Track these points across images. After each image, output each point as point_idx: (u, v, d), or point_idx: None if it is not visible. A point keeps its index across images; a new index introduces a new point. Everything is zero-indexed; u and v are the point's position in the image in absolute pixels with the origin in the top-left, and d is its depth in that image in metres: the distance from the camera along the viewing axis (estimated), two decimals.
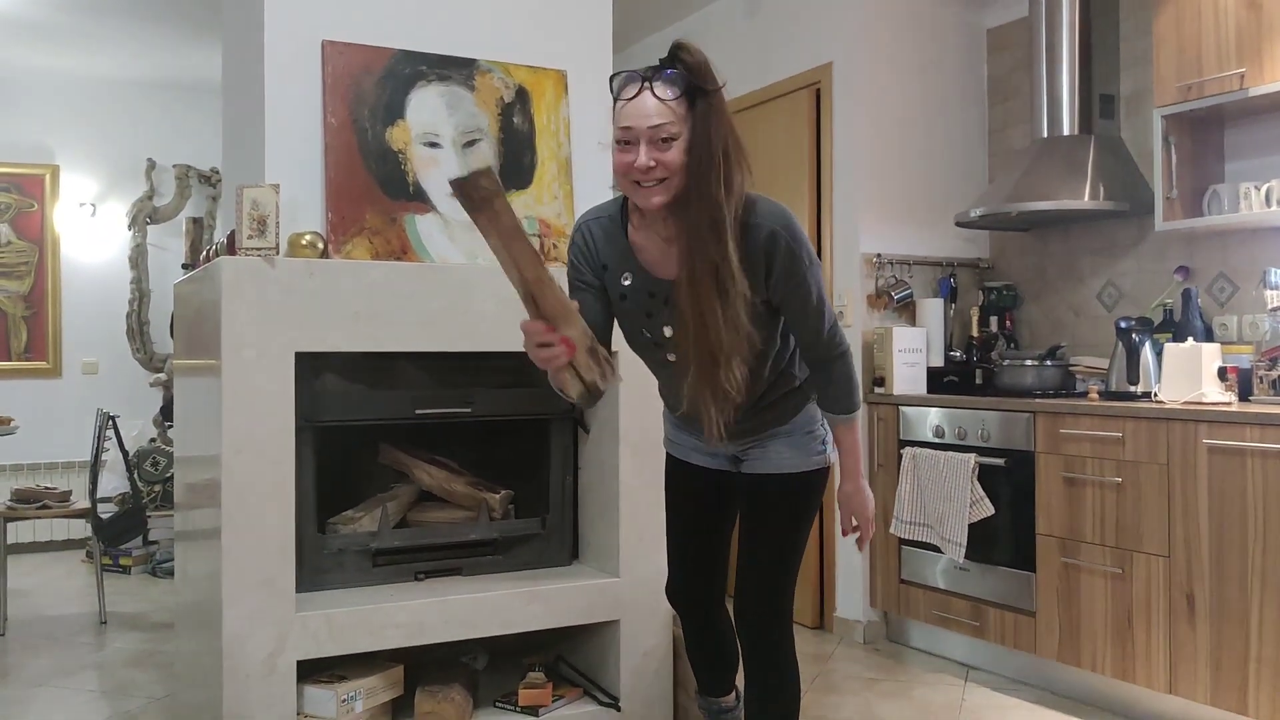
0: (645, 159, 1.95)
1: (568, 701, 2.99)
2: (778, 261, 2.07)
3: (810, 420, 2.34)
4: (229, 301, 2.54)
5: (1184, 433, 3.17)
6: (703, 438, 2.41)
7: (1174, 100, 3.52)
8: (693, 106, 1.96)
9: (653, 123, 1.94)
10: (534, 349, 1.91)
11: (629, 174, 2.00)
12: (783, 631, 2.38)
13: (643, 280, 2.15)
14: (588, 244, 2.22)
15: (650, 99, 1.95)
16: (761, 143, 4.83)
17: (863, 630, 4.32)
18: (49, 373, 6.29)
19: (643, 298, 2.16)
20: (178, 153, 6.55)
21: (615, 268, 2.18)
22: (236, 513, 2.56)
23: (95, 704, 3.56)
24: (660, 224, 2.10)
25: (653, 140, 1.95)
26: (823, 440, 2.36)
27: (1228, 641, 3.05)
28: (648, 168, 1.96)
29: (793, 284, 2.11)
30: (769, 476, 2.32)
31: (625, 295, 2.18)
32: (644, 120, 1.95)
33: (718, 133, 1.97)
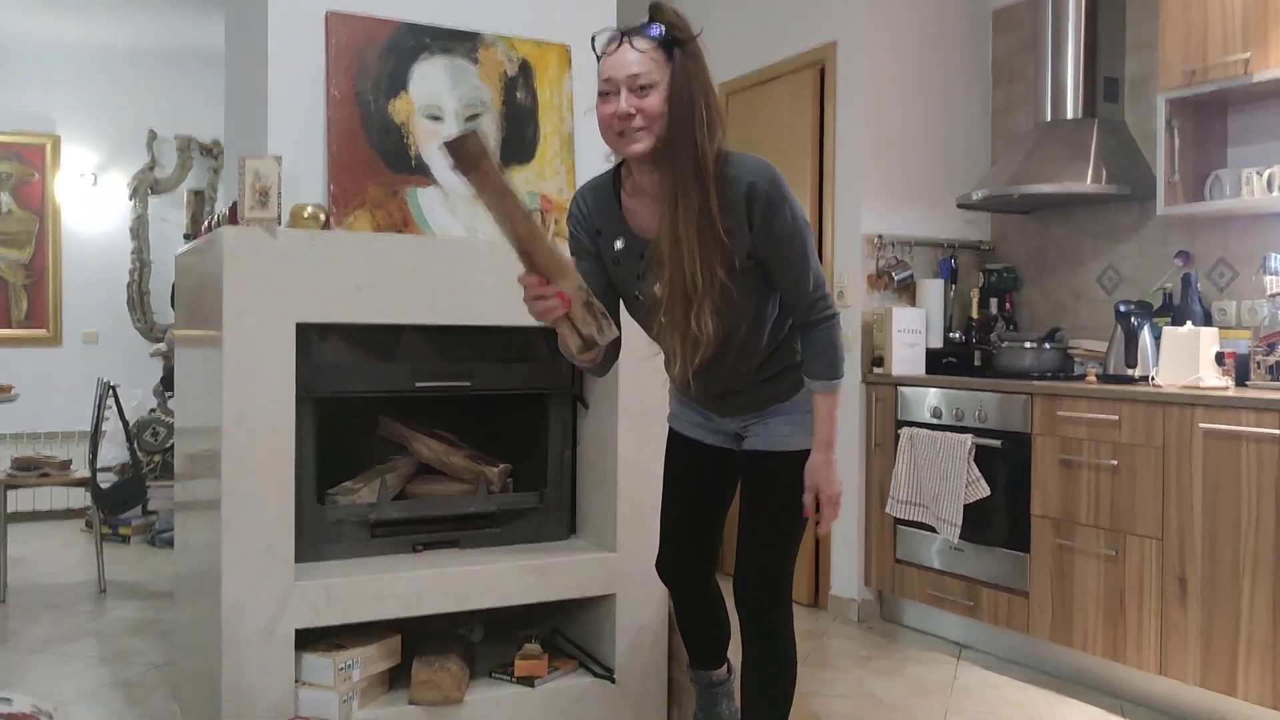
0: (625, 105, 2.02)
1: (563, 673, 3.02)
2: (757, 211, 2.10)
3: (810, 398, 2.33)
4: (230, 271, 2.55)
5: (1180, 417, 3.18)
6: (707, 413, 2.44)
7: (1178, 85, 3.52)
8: (670, 58, 2.04)
9: (631, 71, 2.02)
10: (530, 302, 1.97)
11: (611, 125, 2.06)
12: (781, 612, 2.40)
13: (633, 243, 2.20)
14: (582, 211, 2.29)
15: (629, 50, 2.04)
16: (764, 121, 4.82)
17: (857, 608, 4.35)
18: (49, 341, 6.30)
19: (634, 260, 2.20)
20: (179, 124, 6.54)
21: (608, 232, 2.24)
22: (237, 482, 2.57)
23: (95, 671, 3.59)
24: (647, 179, 2.14)
25: (631, 88, 2.03)
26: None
27: (1218, 624, 3.07)
28: (627, 114, 2.03)
29: (773, 236, 2.13)
30: (769, 454, 2.34)
31: (618, 260, 2.23)
32: (622, 70, 2.03)
33: (697, 80, 2.05)
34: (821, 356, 2.25)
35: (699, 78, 2.06)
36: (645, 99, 2.03)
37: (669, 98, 2.04)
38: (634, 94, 2.03)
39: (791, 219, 2.15)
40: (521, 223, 1.88)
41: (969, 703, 3.40)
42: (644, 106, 2.03)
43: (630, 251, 2.21)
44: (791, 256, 2.16)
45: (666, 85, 2.04)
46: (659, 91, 2.04)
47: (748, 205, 2.11)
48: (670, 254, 2.09)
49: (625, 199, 2.22)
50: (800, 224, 2.17)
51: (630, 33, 2.06)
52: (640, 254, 2.19)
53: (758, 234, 2.13)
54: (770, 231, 2.13)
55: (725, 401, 2.37)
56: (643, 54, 2.03)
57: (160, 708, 3.22)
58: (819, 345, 2.25)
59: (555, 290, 1.93)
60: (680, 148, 2.05)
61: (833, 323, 2.25)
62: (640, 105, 2.03)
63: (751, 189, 2.10)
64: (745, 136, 4.96)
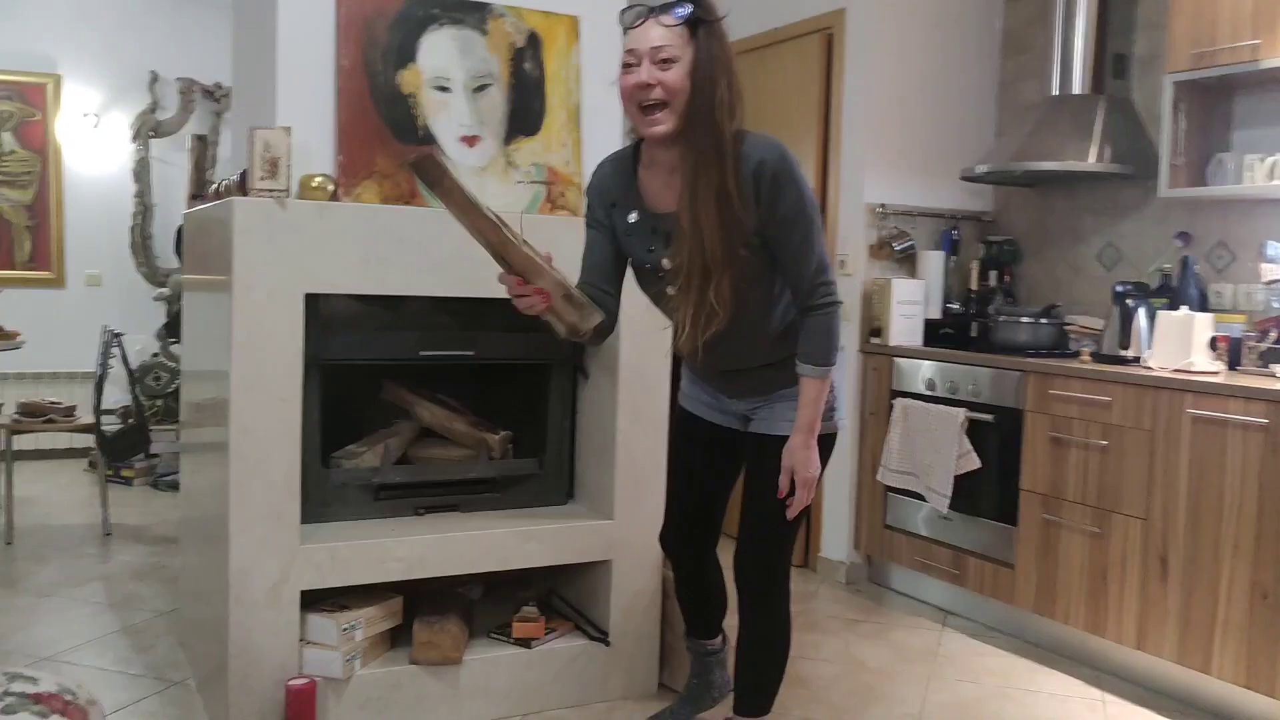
0: (646, 75, 2.08)
1: (559, 635, 3.11)
2: (764, 189, 2.15)
3: None
4: (240, 243, 2.58)
5: (1170, 401, 3.24)
6: (716, 394, 2.50)
7: (1186, 67, 3.52)
8: (694, 36, 2.09)
9: (654, 44, 2.08)
10: (513, 299, 2.11)
11: (633, 96, 2.12)
12: (779, 590, 2.48)
13: (646, 216, 2.27)
14: (600, 181, 2.37)
15: (654, 26, 2.09)
16: (770, 87, 4.81)
17: (846, 571, 4.44)
18: (52, 283, 6.33)
19: (645, 232, 2.27)
20: (181, 65, 6.50)
21: (622, 204, 2.31)
22: (245, 448, 2.63)
23: (103, 616, 3.68)
24: (663, 153, 2.20)
25: (654, 60, 2.08)
26: (830, 407, 2.41)
27: (1197, 604, 3.16)
28: (648, 85, 2.08)
29: (778, 214, 2.17)
30: (773, 438, 2.39)
31: (630, 232, 2.30)
32: (646, 42, 2.09)
33: (720, 61, 2.10)
34: (816, 341, 2.29)
35: (722, 58, 2.11)
36: (666, 72, 2.08)
37: (691, 75, 2.09)
38: (656, 66, 2.08)
39: (798, 199, 2.18)
40: (490, 231, 2.00)
41: (952, 669, 3.50)
42: (665, 79, 2.08)
43: (642, 224, 2.28)
44: (794, 237, 2.20)
45: (689, 63, 2.09)
46: (681, 67, 2.08)
47: (755, 182, 2.16)
48: (691, 229, 2.15)
49: (641, 172, 2.28)
50: (807, 206, 2.21)
51: (659, 9, 2.10)
52: (652, 227, 2.26)
53: (764, 211, 2.17)
54: (775, 209, 2.17)
55: (732, 382, 2.43)
56: (667, 29, 2.08)
57: (167, 656, 3.32)
58: (815, 330, 2.29)
59: (534, 288, 2.06)
60: (701, 126, 2.10)
61: (833, 310, 2.29)
62: (661, 78, 2.08)
63: (760, 166, 2.15)
64: (750, 99, 4.93)
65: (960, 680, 3.42)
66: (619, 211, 2.32)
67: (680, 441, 2.66)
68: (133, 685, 3.09)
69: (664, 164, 2.22)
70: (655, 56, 2.08)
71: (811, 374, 2.30)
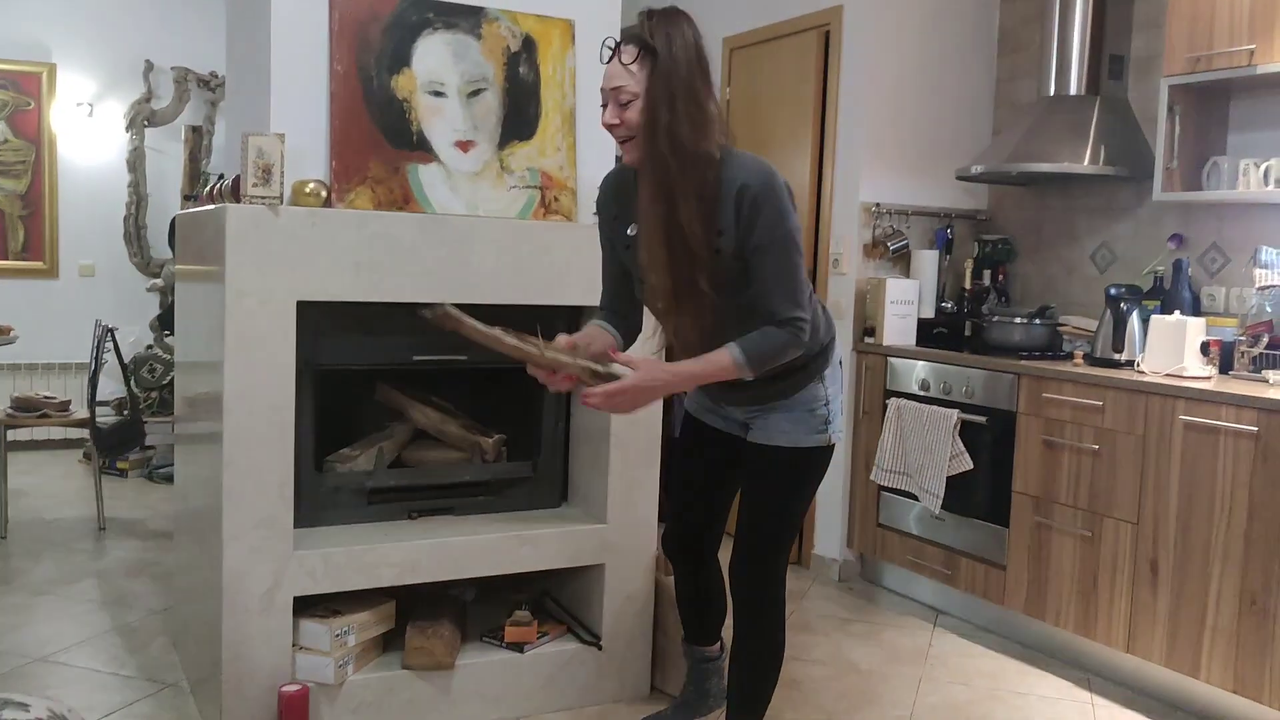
0: (610, 117, 2.16)
1: (551, 639, 3.12)
2: (744, 212, 2.16)
3: (813, 399, 2.41)
4: (233, 251, 2.57)
5: (1162, 407, 3.25)
6: (717, 400, 2.52)
7: (1182, 70, 3.52)
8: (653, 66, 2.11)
9: (614, 84, 2.14)
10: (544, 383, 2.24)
11: (609, 132, 2.19)
12: (772, 595, 2.50)
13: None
14: (604, 196, 2.43)
15: (615, 64, 2.15)
16: (767, 83, 4.80)
17: (838, 569, 4.46)
18: (46, 273, 6.31)
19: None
20: (176, 54, 6.46)
21: (623, 218, 2.34)
22: (239, 457, 2.63)
23: (96, 615, 3.69)
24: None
25: (616, 101, 2.14)
26: (825, 420, 2.42)
27: (1186, 609, 3.18)
28: (612, 125, 2.16)
29: (754, 240, 2.16)
30: (768, 448, 2.42)
31: (630, 245, 2.31)
32: (608, 82, 2.16)
33: (665, 90, 2.10)
34: (763, 344, 2.20)
35: (669, 87, 2.10)
36: (626, 111, 2.14)
37: (644, 108, 2.12)
38: (617, 106, 2.15)
39: (774, 227, 2.16)
40: (513, 351, 2.16)
41: (943, 671, 3.52)
42: (625, 118, 2.15)
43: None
44: (767, 265, 2.18)
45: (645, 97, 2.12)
46: (639, 104, 2.12)
47: (736, 205, 2.16)
48: (647, 263, 2.20)
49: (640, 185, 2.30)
50: (787, 236, 2.18)
51: (619, 43, 2.16)
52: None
53: (741, 234, 2.17)
54: (750, 234, 2.17)
55: (729, 392, 2.43)
56: (624, 67, 2.13)
57: (160, 657, 3.33)
58: (771, 337, 2.20)
59: (561, 377, 2.20)
60: (652, 159, 2.14)
61: (797, 340, 2.22)
62: (623, 116, 2.15)
63: (743, 189, 2.15)
64: (746, 95, 4.95)
65: (951, 682, 3.44)
66: (620, 225, 2.34)
67: (685, 447, 2.68)
68: (126, 688, 3.10)
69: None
70: (617, 97, 2.14)
71: (733, 358, 2.19)
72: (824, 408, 2.40)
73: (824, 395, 2.41)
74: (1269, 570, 2.97)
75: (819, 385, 2.40)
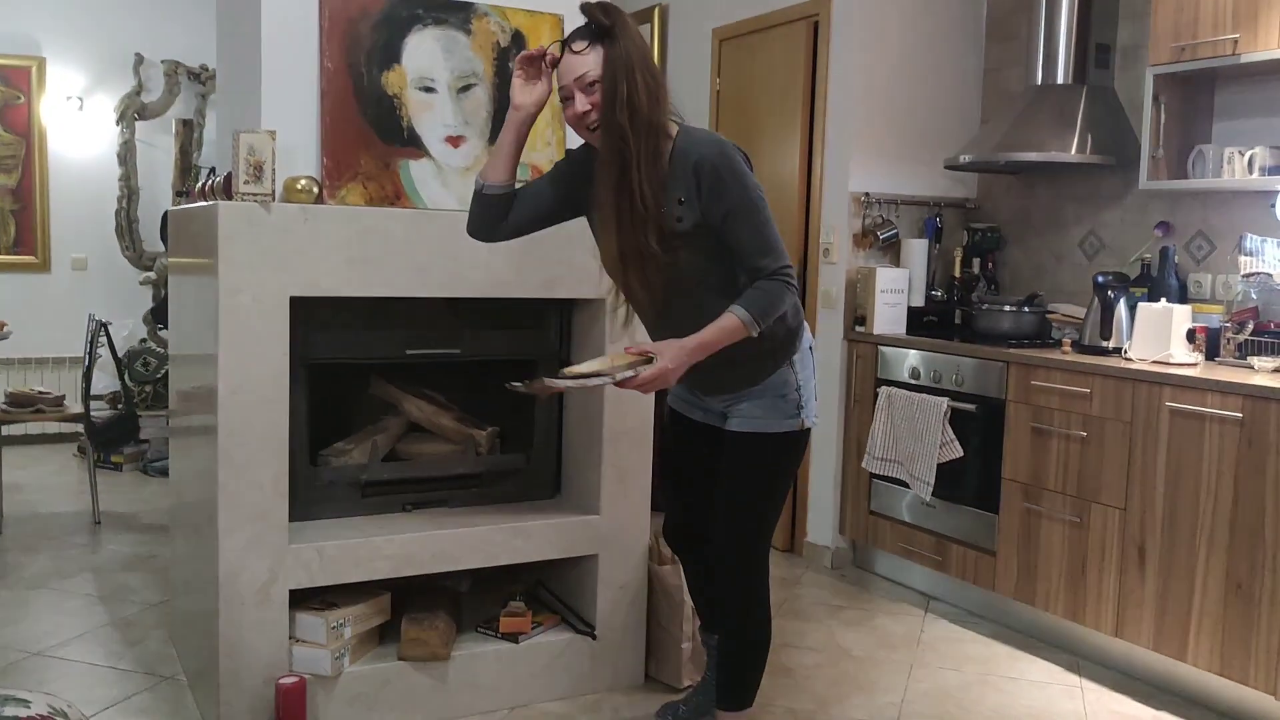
0: (580, 105, 2.22)
1: (546, 629, 3.15)
2: (705, 184, 2.24)
3: (783, 385, 2.45)
4: (226, 248, 2.59)
5: (1149, 394, 3.28)
6: (694, 391, 2.58)
7: (1168, 60, 3.54)
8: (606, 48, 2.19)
9: (576, 73, 2.21)
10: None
11: (578, 125, 2.25)
12: (756, 580, 2.56)
13: None
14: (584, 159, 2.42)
15: (570, 56, 2.22)
16: (756, 73, 4.81)
17: (831, 556, 4.50)
18: (38, 268, 6.31)
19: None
20: (166, 47, 6.45)
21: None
22: (234, 451, 2.65)
23: (93, 608, 3.71)
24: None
25: (581, 88, 2.21)
26: (797, 405, 2.46)
27: (1173, 593, 3.22)
28: (585, 112, 2.21)
29: (725, 208, 2.25)
30: (742, 434, 2.48)
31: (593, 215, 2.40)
32: (569, 74, 2.22)
33: (622, 64, 2.18)
34: (760, 298, 2.28)
35: (627, 60, 2.19)
36: (595, 94, 2.20)
37: (602, 85, 2.20)
38: (585, 93, 2.21)
39: (741, 192, 2.26)
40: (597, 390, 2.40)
41: (934, 657, 3.56)
42: (596, 101, 2.20)
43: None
44: (744, 229, 2.27)
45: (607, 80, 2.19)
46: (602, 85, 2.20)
47: (696, 178, 2.24)
48: (600, 225, 2.28)
49: None
50: (753, 198, 2.27)
51: (567, 40, 2.25)
52: None
53: (706, 205, 2.25)
54: (720, 204, 2.25)
55: (702, 379, 2.48)
56: (581, 55, 2.21)
57: (158, 650, 3.35)
58: (766, 290, 2.28)
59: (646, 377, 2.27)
60: (608, 129, 2.21)
61: (789, 287, 2.30)
62: (593, 100, 2.21)
63: (700, 161, 2.24)
64: (736, 86, 4.96)
65: (942, 667, 3.48)
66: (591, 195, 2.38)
67: (671, 440, 2.75)
68: (124, 681, 3.12)
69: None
70: (582, 84, 2.21)
71: (739, 316, 2.27)
72: (795, 393, 2.45)
73: (794, 381, 2.45)
74: (1254, 554, 3.01)
75: (788, 371, 2.44)
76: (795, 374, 2.46)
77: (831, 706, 3.14)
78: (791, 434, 2.47)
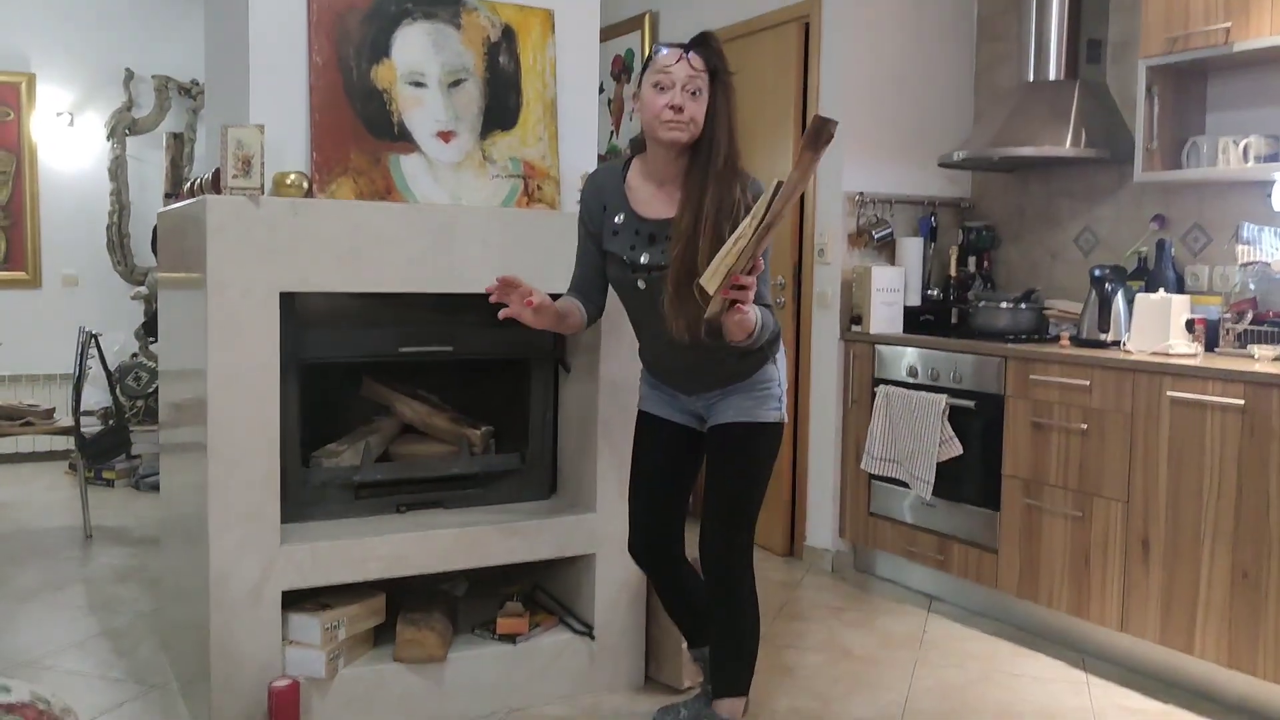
0: (680, 99, 2.38)
1: (544, 629, 3.10)
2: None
3: (767, 379, 2.57)
4: (214, 242, 2.56)
5: (1149, 384, 3.25)
6: (674, 393, 2.64)
7: (1160, 51, 3.53)
8: (713, 82, 2.43)
9: (689, 74, 2.40)
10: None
11: (661, 113, 2.40)
12: (743, 570, 2.61)
13: (631, 218, 2.52)
14: (595, 187, 2.62)
15: (688, 64, 2.41)
16: (748, 76, 4.78)
17: (831, 559, 4.45)
18: (28, 284, 6.27)
19: (629, 232, 2.52)
20: (156, 63, 6.44)
21: (611, 208, 2.56)
22: (223, 449, 2.61)
23: (84, 619, 3.66)
24: (667, 168, 2.48)
25: (685, 89, 2.39)
26: (778, 398, 2.59)
27: (1178, 585, 3.18)
28: (679, 107, 2.38)
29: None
30: (727, 425, 2.57)
31: (616, 231, 2.54)
32: (683, 73, 2.40)
33: (724, 110, 2.45)
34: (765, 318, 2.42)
35: (732, 106, 2.46)
36: (693, 102, 2.40)
37: (712, 111, 2.42)
38: (686, 94, 2.39)
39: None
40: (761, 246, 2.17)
41: (937, 655, 3.52)
42: (691, 106, 2.40)
43: (627, 225, 2.53)
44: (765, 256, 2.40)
45: (708, 100, 2.42)
46: (703, 101, 2.41)
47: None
48: (688, 233, 2.38)
49: (630, 178, 2.56)
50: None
51: (689, 52, 2.43)
52: (635, 229, 2.51)
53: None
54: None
55: (691, 378, 2.58)
56: (696, 70, 2.41)
57: (149, 659, 3.30)
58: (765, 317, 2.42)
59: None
60: (719, 151, 2.42)
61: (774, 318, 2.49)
62: (689, 105, 2.40)
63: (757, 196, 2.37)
64: None
65: (945, 665, 3.43)
66: (607, 215, 2.56)
67: (640, 445, 2.76)
68: (114, 689, 3.07)
69: (658, 177, 2.51)
70: (687, 86, 2.39)
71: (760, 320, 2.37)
72: (776, 386, 2.58)
73: (776, 376, 2.59)
74: (1259, 543, 2.97)
75: (772, 366, 2.58)
76: (777, 369, 2.60)
77: (834, 705, 3.10)
78: (776, 425, 2.60)
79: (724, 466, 2.58)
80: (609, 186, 2.58)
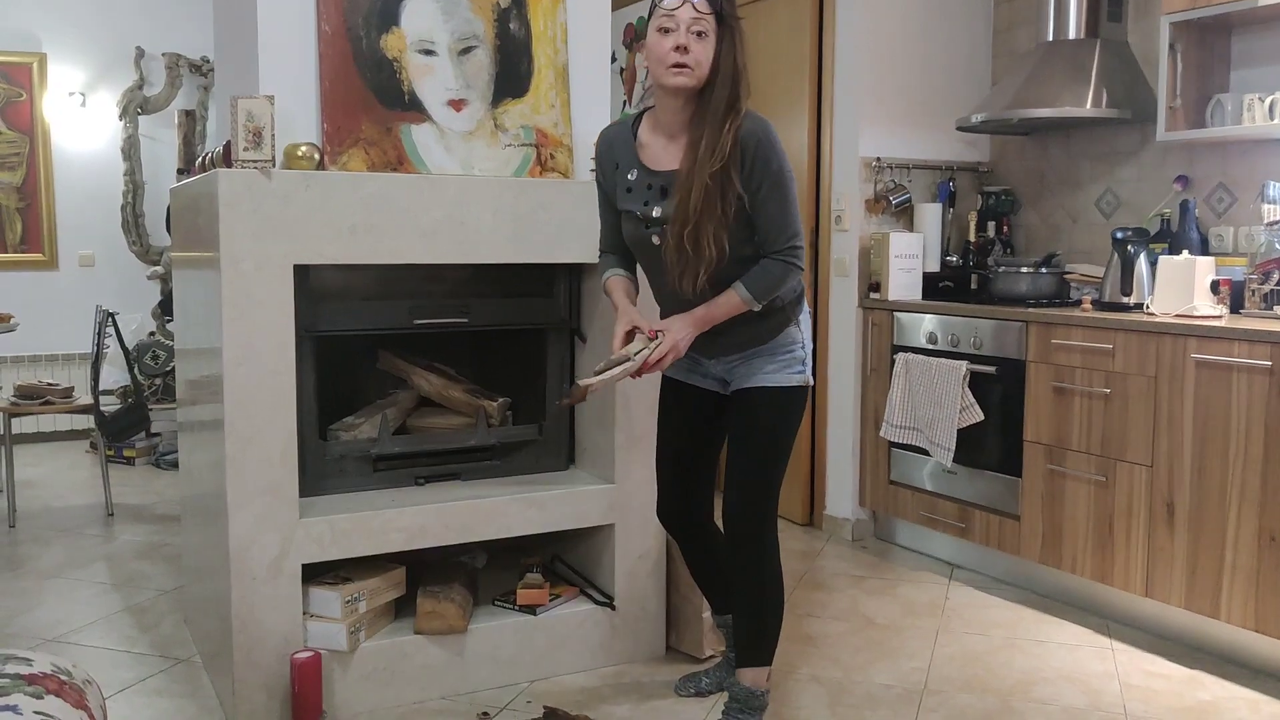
0: (685, 39, 2.33)
1: (564, 600, 3.09)
2: (748, 158, 2.36)
3: (791, 342, 2.55)
4: (227, 215, 2.54)
5: (1173, 346, 3.21)
6: (696, 357, 2.59)
7: (1183, 6, 3.46)
8: (720, 25, 2.37)
9: (694, 16, 2.34)
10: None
11: (666, 56, 2.35)
12: (767, 536, 2.58)
13: (643, 173, 2.49)
14: (606, 145, 2.60)
15: (690, 6, 2.35)
16: (762, 42, 4.74)
17: (851, 528, 4.43)
18: (45, 265, 6.29)
19: (642, 188, 2.49)
20: (167, 41, 6.42)
21: (624, 165, 2.53)
22: (240, 423, 2.60)
23: (107, 596, 3.68)
24: (674, 117, 2.43)
25: (690, 30, 2.34)
26: (802, 361, 2.56)
27: (1204, 549, 3.15)
28: (684, 47, 2.32)
29: (758, 180, 2.38)
30: (751, 390, 2.55)
31: (630, 188, 2.51)
32: (688, 14, 2.34)
33: (739, 50, 2.39)
34: (762, 277, 2.43)
35: (740, 50, 2.39)
36: (700, 42, 2.34)
37: (717, 55, 2.36)
38: (691, 35, 2.34)
39: (778, 168, 2.40)
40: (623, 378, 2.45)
41: (959, 623, 3.50)
42: (696, 48, 2.34)
43: (640, 181, 2.49)
44: (772, 204, 2.41)
45: (715, 43, 2.35)
46: (709, 44, 2.35)
47: (744, 150, 2.37)
48: (685, 178, 2.36)
49: (641, 135, 2.52)
50: (785, 175, 2.42)
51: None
52: (648, 183, 2.48)
53: (746, 177, 2.37)
54: (755, 175, 2.38)
55: (710, 339, 2.53)
56: (701, 12, 2.35)
57: (171, 634, 3.31)
58: (768, 269, 2.44)
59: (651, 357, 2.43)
60: (719, 98, 2.36)
61: (793, 266, 2.45)
62: (694, 46, 2.34)
63: (750, 135, 2.39)
64: None
65: (968, 633, 3.41)
66: (620, 172, 2.53)
67: (665, 410, 2.76)
68: (138, 664, 3.08)
69: (668, 130, 2.45)
70: (691, 27, 2.33)
71: (740, 296, 2.43)
72: (800, 349, 2.56)
73: (800, 338, 2.56)
74: None
75: (794, 329, 2.56)
76: (801, 332, 2.57)
77: (856, 673, 3.08)
78: (798, 388, 2.56)
79: (746, 432, 2.55)
80: (620, 143, 2.55)
